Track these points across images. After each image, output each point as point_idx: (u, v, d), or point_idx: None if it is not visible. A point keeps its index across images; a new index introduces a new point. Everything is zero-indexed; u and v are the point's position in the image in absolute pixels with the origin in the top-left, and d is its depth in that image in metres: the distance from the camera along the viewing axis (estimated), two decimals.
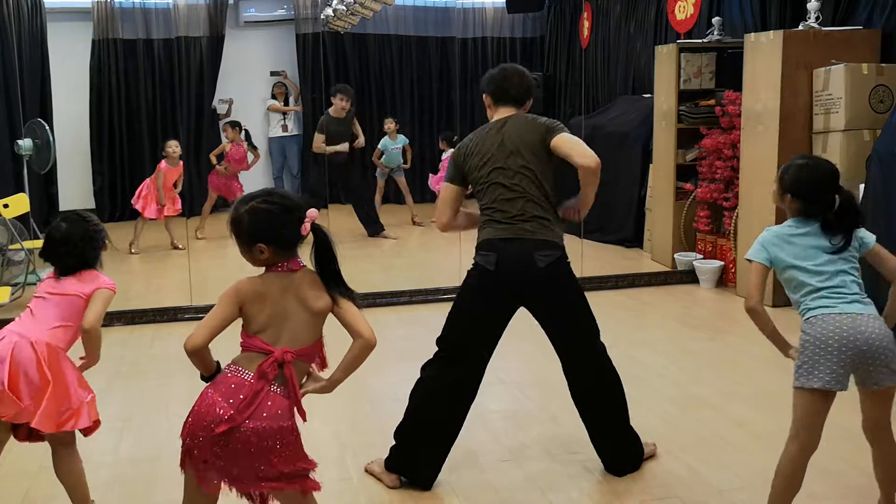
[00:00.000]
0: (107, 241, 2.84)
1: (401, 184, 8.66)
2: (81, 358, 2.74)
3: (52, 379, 2.61)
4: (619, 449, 3.14)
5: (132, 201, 7.70)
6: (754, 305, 2.58)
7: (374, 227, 8.10)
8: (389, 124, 8.59)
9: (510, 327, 3.07)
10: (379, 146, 8.61)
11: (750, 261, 2.65)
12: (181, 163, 7.68)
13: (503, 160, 2.98)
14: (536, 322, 3.39)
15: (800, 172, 2.62)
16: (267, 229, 2.18)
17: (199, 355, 2.18)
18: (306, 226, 2.20)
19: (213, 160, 8.26)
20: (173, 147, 7.60)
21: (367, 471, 3.21)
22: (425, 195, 8.92)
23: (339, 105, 7.91)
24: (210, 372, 2.23)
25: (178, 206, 7.66)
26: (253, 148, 8.55)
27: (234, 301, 2.17)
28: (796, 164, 2.66)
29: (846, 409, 2.64)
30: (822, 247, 2.58)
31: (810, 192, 2.59)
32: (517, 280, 2.98)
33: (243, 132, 8.41)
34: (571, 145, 2.91)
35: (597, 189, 2.97)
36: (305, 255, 2.27)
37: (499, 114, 3.09)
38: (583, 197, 3.00)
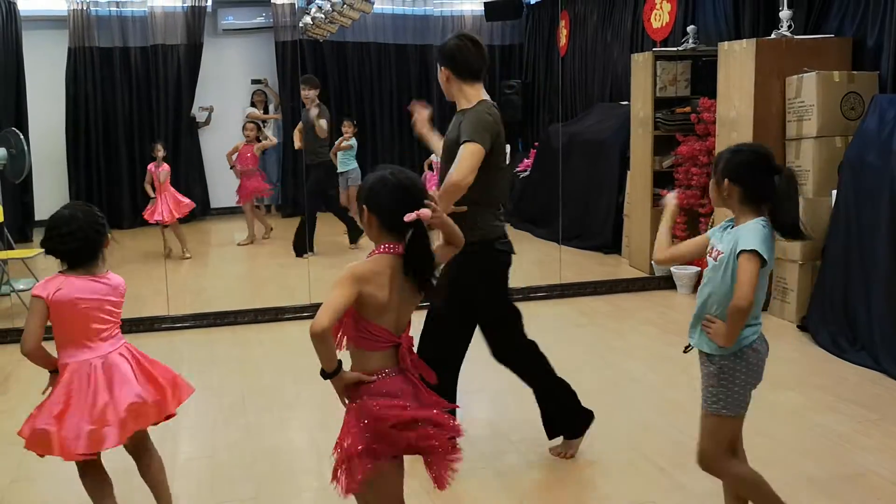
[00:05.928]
0: (109, 235, 2.61)
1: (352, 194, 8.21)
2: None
3: None
4: None
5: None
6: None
7: (356, 234, 7.89)
8: (349, 126, 8.27)
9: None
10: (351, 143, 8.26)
11: (757, 254, 2.24)
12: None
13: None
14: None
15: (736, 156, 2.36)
16: (382, 200, 2.11)
17: (325, 339, 2.02)
18: (411, 216, 2.06)
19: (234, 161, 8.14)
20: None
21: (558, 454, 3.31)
22: None
23: (302, 95, 7.72)
24: (332, 365, 2.07)
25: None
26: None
27: (353, 283, 2.06)
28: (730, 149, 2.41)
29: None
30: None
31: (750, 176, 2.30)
32: None
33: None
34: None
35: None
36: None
37: (477, 90, 3.16)
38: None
